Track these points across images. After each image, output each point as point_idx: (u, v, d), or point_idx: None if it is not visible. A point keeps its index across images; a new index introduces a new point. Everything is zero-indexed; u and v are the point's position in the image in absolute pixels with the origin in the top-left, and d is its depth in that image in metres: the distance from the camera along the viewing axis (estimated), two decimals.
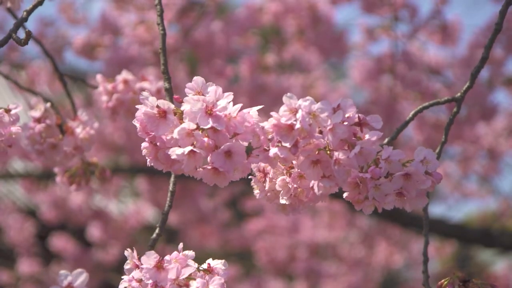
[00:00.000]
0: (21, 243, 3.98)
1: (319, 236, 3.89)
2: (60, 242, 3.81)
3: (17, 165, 3.74)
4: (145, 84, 1.21)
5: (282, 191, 0.83)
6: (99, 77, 1.24)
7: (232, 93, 0.79)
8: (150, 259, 0.79)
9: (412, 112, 0.97)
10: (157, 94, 1.20)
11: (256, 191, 0.86)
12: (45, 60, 2.97)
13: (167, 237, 3.92)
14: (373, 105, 2.92)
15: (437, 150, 0.98)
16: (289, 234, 3.81)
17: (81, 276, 0.84)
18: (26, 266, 3.92)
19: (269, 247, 3.82)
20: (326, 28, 2.75)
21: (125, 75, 1.22)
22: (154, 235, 0.91)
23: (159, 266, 0.78)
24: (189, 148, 0.76)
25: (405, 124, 0.96)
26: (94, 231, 3.56)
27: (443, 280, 0.93)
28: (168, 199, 0.94)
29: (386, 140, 0.93)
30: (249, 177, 0.86)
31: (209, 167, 0.78)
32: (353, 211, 3.48)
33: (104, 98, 1.23)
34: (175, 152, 0.76)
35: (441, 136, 3.14)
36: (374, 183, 0.81)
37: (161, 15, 0.99)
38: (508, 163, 3.61)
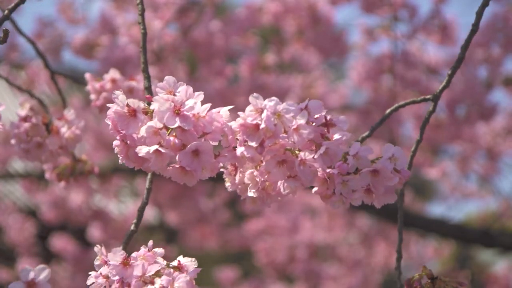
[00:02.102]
0: (21, 243, 3.99)
1: (318, 237, 3.89)
2: (60, 242, 3.81)
3: (17, 165, 3.75)
4: (133, 83, 1.21)
5: (250, 184, 0.84)
6: (87, 75, 1.24)
7: (202, 92, 0.79)
8: (116, 255, 0.80)
9: (389, 110, 0.98)
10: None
11: (227, 184, 0.87)
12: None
13: (167, 237, 3.92)
14: (372, 105, 2.92)
15: (412, 149, 0.99)
16: (288, 234, 3.81)
17: (44, 272, 0.84)
18: (26, 266, 3.92)
19: (269, 247, 3.82)
20: (325, 28, 2.75)
21: (112, 74, 1.22)
22: (129, 231, 0.92)
23: (126, 263, 0.79)
24: (155, 146, 0.77)
25: (380, 122, 0.96)
26: (94, 231, 3.56)
27: (411, 277, 0.93)
28: (144, 196, 0.95)
29: (360, 137, 0.94)
30: (221, 169, 0.87)
31: (177, 166, 0.78)
32: (352, 212, 3.48)
33: (93, 96, 1.23)
34: (142, 150, 0.77)
35: (441, 137, 3.12)
36: (342, 179, 0.81)
37: (142, 14, 0.99)
38: (507, 163, 3.61)
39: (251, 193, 0.84)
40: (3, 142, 3.11)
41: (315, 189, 0.83)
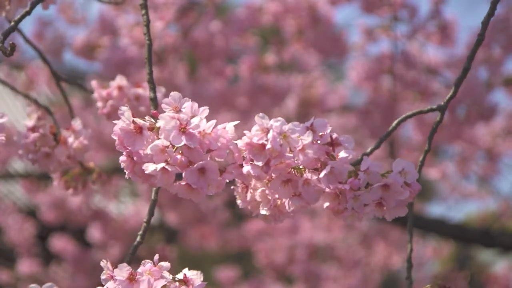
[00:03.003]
0: (21, 243, 3.99)
1: (318, 238, 3.89)
2: (60, 243, 3.81)
3: (17, 165, 3.75)
4: (139, 91, 1.21)
5: (262, 202, 0.85)
6: (94, 83, 1.24)
7: (207, 107, 0.79)
8: (122, 271, 0.80)
9: (396, 121, 0.99)
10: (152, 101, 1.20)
11: (238, 201, 0.88)
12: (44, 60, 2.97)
13: (167, 237, 3.92)
14: (372, 106, 2.92)
15: (420, 158, 1.00)
16: (288, 235, 3.81)
17: None
18: (26, 266, 3.93)
19: (269, 248, 3.82)
20: (325, 28, 2.75)
21: (119, 81, 1.22)
22: (135, 242, 0.93)
23: (132, 278, 0.79)
24: (162, 165, 0.77)
25: (388, 133, 0.98)
26: (94, 232, 3.56)
27: None
28: (149, 208, 0.96)
29: (369, 149, 0.94)
30: (232, 187, 0.88)
31: (183, 183, 0.79)
32: None
33: (99, 104, 1.23)
34: (149, 168, 0.77)
35: (441, 137, 3.11)
36: (353, 194, 0.82)
37: (147, 25, 0.99)
38: (507, 164, 3.61)
39: (263, 211, 0.85)
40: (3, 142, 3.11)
41: (326, 204, 0.84)
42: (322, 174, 0.79)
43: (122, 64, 2.41)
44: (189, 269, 0.82)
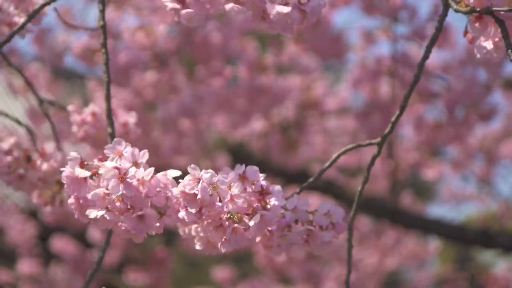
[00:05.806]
0: (22, 244, 4.00)
1: None
2: (60, 244, 3.81)
3: None
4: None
5: (196, 237, 0.93)
6: (71, 108, 1.32)
7: (147, 151, 0.85)
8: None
9: (335, 155, 1.03)
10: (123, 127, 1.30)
11: (181, 231, 0.96)
12: (43, 63, 2.98)
13: (166, 239, 3.92)
14: (371, 108, 2.92)
15: (359, 188, 1.05)
16: None
17: None
18: (26, 266, 3.93)
19: None
20: (324, 30, 2.75)
21: (92, 108, 1.30)
22: (92, 270, 1.02)
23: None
24: (102, 212, 0.83)
25: (326, 167, 1.02)
26: (94, 233, 3.57)
27: None
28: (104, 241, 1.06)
29: (295, 192, 0.99)
30: None
31: (123, 228, 0.85)
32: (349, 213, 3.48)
33: (75, 128, 1.31)
34: (91, 214, 0.84)
35: (441, 137, 3.08)
36: (280, 233, 0.89)
37: (102, 10, 1.06)
38: (506, 166, 3.62)
39: (197, 246, 0.93)
40: None
41: (258, 239, 0.92)
42: (251, 223, 0.84)
43: (123, 68, 2.41)
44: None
